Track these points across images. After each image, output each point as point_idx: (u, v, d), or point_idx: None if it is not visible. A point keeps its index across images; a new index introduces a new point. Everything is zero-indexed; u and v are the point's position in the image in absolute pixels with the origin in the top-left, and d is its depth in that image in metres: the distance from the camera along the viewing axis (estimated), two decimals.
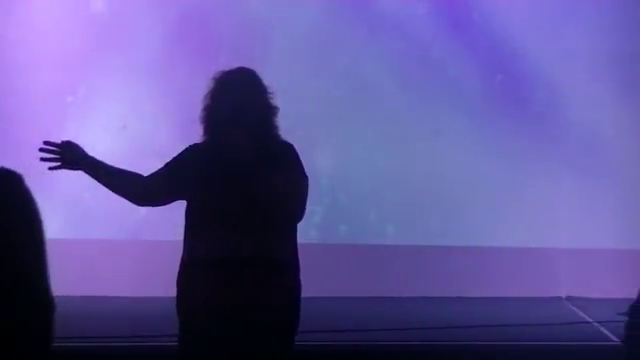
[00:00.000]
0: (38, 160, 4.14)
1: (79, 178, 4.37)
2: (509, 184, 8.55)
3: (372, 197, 8.54)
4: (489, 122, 8.57)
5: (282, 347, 4.20)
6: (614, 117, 8.54)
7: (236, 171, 4.10)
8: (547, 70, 8.59)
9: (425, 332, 6.69)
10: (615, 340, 6.70)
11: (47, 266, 2.11)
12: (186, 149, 4.32)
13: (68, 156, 4.18)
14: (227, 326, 4.10)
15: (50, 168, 4.19)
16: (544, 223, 8.49)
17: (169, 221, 4.53)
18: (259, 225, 4.09)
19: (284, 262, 4.18)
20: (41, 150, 4.17)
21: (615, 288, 8.03)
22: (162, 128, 8.04)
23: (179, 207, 4.33)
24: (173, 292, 4.26)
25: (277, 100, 4.25)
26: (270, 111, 4.22)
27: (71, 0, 8.45)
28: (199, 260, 4.15)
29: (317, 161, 7.81)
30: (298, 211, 4.17)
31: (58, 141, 4.19)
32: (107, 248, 8.18)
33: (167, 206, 4.40)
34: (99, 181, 4.23)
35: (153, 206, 4.40)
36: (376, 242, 8.53)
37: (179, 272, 4.24)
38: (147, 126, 8.26)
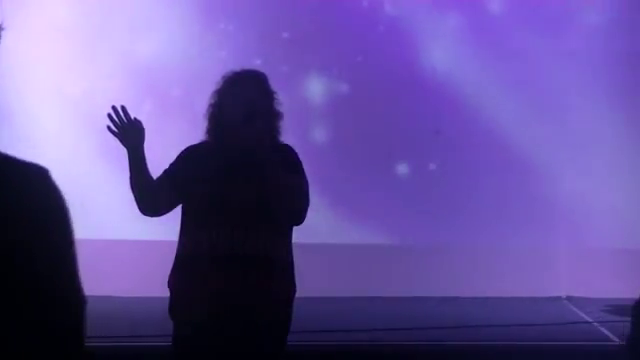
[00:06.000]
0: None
1: (78, 179, 4.37)
2: (509, 184, 8.54)
3: (372, 197, 8.53)
4: (489, 121, 8.56)
5: (279, 346, 4.22)
6: (614, 117, 8.53)
7: (244, 170, 4.13)
8: (547, 70, 8.59)
9: (425, 332, 6.69)
10: (615, 340, 6.71)
11: (77, 264, 2.06)
12: (183, 152, 4.34)
13: (126, 135, 4.23)
14: (226, 324, 4.11)
15: (108, 127, 4.24)
16: (544, 223, 8.49)
17: (169, 221, 4.53)
18: (262, 224, 4.12)
19: (284, 262, 4.21)
20: (114, 108, 4.23)
21: (615, 288, 8.03)
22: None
23: (180, 207, 4.33)
24: None
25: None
26: (277, 115, 4.26)
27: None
28: (200, 258, 4.14)
29: None
30: (304, 212, 4.20)
31: (132, 116, 4.24)
32: (107, 248, 8.17)
33: None
34: (130, 173, 4.24)
35: (156, 216, 4.36)
36: (375, 242, 8.52)
37: (174, 272, 4.23)
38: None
